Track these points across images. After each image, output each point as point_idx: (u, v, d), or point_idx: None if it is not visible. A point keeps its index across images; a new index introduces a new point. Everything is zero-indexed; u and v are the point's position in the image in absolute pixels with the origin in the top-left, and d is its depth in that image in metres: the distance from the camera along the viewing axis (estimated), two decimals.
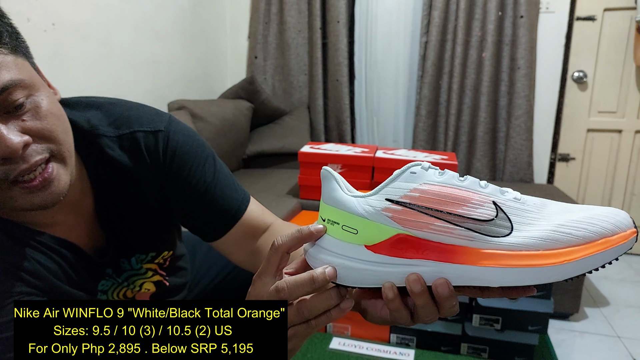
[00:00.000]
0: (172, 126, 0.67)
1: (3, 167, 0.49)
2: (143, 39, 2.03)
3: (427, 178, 0.43)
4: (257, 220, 0.72)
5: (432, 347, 1.48)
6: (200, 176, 0.67)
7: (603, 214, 0.42)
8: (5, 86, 0.48)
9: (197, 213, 0.69)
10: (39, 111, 0.51)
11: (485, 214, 0.42)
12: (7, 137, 0.47)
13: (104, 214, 0.67)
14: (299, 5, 2.67)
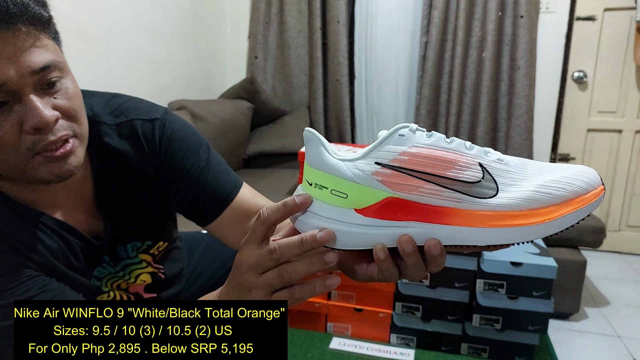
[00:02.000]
0: (168, 115, 0.72)
1: (33, 136, 0.53)
2: (143, 39, 2.03)
3: (416, 140, 0.44)
4: (249, 203, 0.74)
5: (432, 347, 1.48)
6: (194, 161, 0.71)
7: (577, 172, 0.45)
8: (47, 65, 0.54)
9: (191, 197, 0.72)
10: (68, 92, 0.57)
11: (473, 176, 0.44)
12: (42, 110, 0.53)
13: (102, 199, 0.70)
14: (299, 5, 2.67)
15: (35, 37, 0.53)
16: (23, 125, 0.53)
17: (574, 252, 1.77)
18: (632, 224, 2.55)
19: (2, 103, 0.52)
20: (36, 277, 0.59)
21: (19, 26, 0.51)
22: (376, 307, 1.50)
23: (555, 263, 1.34)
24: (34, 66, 0.52)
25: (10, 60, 0.51)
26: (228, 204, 0.72)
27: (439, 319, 1.47)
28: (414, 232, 0.44)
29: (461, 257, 1.39)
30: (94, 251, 0.70)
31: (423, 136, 0.44)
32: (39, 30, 0.54)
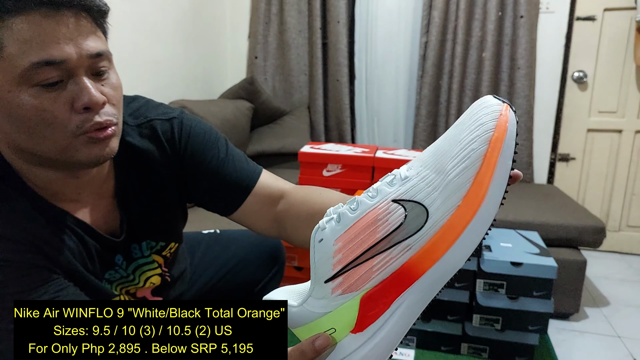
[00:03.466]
0: (184, 114, 0.75)
1: (82, 115, 0.56)
2: (143, 39, 2.03)
3: (332, 235, 0.42)
4: (271, 188, 0.76)
5: (432, 347, 1.48)
6: (214, 154, 0.74)
7: (474, 120, 0.41)
8: (101, 52, 0.57)
9: (213, 188, 0.74)
10: (114, 82, 0.61)
11: (397, 218, 0.41)
12: (92, 90, 0.56)
13: (122, 196, 0.71)
14: (299, 5, 2.67)
15: (94, 26, 0.57)
16: (74, 104, 0.55)
17: (574, 252, 1.77)
18: (632, 224, 2.55)
19: (58, 82, 0.54)
20: (55, 280, 0.60)
21: (83, 13, 0.55)
22: None
23: (555, 263, 1.34)
24: (92, 50, 0.56)
25: (73, 41, 0.54)
26: (250, 190, 0.74)
27: (439, 319, 1.46)
28: (409, 305, 0.42)
29: None
30: (109, 250, 0.71)
31: (332, 225, 0.42)
32: (97, 21, 0.58)
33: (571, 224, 1.79)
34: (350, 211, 0.42)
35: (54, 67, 0.53)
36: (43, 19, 0.52)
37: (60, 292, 0.60)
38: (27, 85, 0.53)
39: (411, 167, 0.43)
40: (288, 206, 0.72)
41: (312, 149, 1.90)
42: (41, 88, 0.53)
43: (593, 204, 2.57)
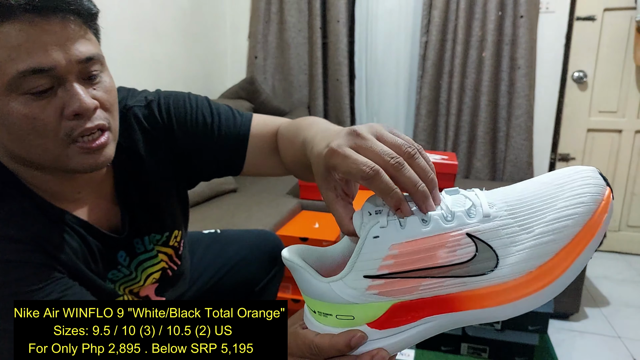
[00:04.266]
0: (160, 93, 0.75)
1: (72, 122, 0.55)
2: (143, 39, 2.03)
3: (391, 239, 0.40)
4: (264, 131, 0.74)
5: (432, 347, 1.48)
6: (200, 119, 0.73)
7: (577, 192, 0.40)
8: (91, 56, 0.57)
9: (214, 153, 0.74)
10: (106, 86, 0.60)
11: (466, 254, 0.39)
12: (83, 96, 0.55)
13: (121, 191, 0.71)
14: (299, 4, 2.67)
15: (84, 29, 0.57)
16: (64, 111, 0.55)
17: None
18: (632, 224, 2.55)
19: (48, 89, 0.54)
20: (60, 279, 0.60)
21: (71, 17, 0.54)
22: None
23: None
24: (81, 55, 0.55)
25: (61, 47, 0.53)
26: (247, 140, 0.73)
27: None
28: (434, 325, 0.42)
29: None
30: (112, 247, 0.70)
31: (395, 228, 0.40)
32: (87, 24, 0.57)
33: None
34: (422, 224, 0.40)
35: (42, 74, 0.52)
36: (29, 25, 0.51)
37: (66, 290, 0.59)
38: (16, 94, 0.52)
39: (494, 204, 0.41)
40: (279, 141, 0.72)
41: None
42: (30, 96, 0.53)
43: None
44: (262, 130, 0.74)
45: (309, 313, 0.46)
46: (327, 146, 0.42)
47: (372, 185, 0.39)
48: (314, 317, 0.45)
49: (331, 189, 0.44)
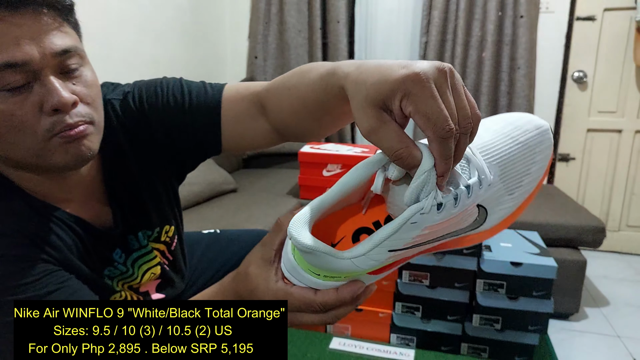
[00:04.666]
0: (137, 84, 0.73)
1: (52, 117, 0.54)
2: (143, 40, 2.03)
3: (429, 221, 0.40)
4: (244, 92, 0.68)
5: (432, 347, 1.48)
6: (172, 100, 0.70)
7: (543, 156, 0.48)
8: (68, 49, 0.55)
9: (187, 131, 0.70)
10: (87, 79, 0.58)
11: (472, 218, 0.45)
12: (61, 91, 0.54)
13: (112, 191, 0.70)
14: (299, 5, 2.67)
15: (59, 22, 0.55)
16: (42, 107, 0.53)
17: (574, 252, 1.77)
18: (632, 224, 2.55)
19: (24, 84, 0.52)
20: (55, 271, 0.59)
21: (44, 9, 0.53)
22: (376, 307, 1.50)
23: (555, 263, 1.34)
24: (56, 48, 0.53)
25: (34, 41, 0.52)
26: (219, 108, 0.68)
27: (439, 319, 1.46)
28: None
29: (461, 257, 1.39)
30: (106, 245, 0.70)
31: (434, 212, 0.40)
32: (62, 16, 0.56)
33: (571, 224, 1.79)
34: (453, 205, 0.41)
35: (16, 69, 0.51)
36: (1, 19, 0.50)
37: (64, 283, 0.59)
38: None
39: (492, 170, 0.45)
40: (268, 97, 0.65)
41: (312, 149, 1.90)
42: (6, 92, 0.52)
43: (593, 204, 2.57)
44: (237, 94, 0.69)
45: (309, 274, 0.46)
46: (406, 67, 0.37)
47: (438, 144, 0.37)
48: (316, 278, 0.46)
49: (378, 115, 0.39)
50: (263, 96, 0.65)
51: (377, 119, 0.39)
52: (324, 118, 0.57)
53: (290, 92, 0.60)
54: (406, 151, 0.38)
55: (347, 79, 0.44)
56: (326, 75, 0.50)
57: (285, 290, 0.47)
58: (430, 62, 0.38)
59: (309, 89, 0.54)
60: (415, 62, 0.38)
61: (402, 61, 0.39)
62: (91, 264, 0.68)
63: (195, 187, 1.93)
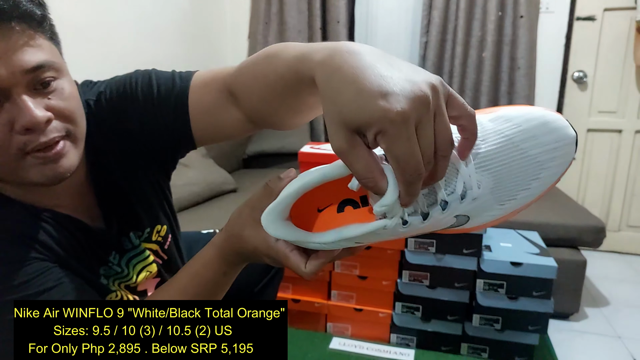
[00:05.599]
0: (109, 82, 0.71)
1: (24, 137, 0.53)
2: (143, 40, 2.03)
3: (394, 233, 0.43)
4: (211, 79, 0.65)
5: (432, 347, 1.48)
6: (140, 95, 0.67)
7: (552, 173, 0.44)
8: (40, 65, 0.53)
9: (157, 125, 0.67)
10: (63, 93, 0.57)
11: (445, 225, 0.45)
12: (33, 110, 0.52)
13: (101, 194, 0.70)
14: (299, 5, 2.67)
15: (29, 36, 0.53)
16: (14, 125, 0.52)
17: (574, 252, 1.77)
18: (632, 224, 2.55)
19: None
20: (52, 269, 0.59)
21: (12, 24, 0.50)
22: (376, 307, 1.50)
23: (555, 263, 1.34)
24: (26, 65, 0.52)
25: (1, 59, 0.50)
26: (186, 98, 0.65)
27: (439, 319, 1.46)
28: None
29: (461, 257, 1.39)
30: (101, 245, 0.70)
31: (399, 226, 0.41)
32: (34, 29, 0.53)
33: (571, 224, 1.79)
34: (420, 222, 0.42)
35: None
36: None
37: (62, 279, 0.58)
38: None
39: (483, 182, 0.43)
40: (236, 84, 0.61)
41: (312, 149, 1.90)
42: None
43: (593, 204, 2.57)
44: (203, 84, 0.65)
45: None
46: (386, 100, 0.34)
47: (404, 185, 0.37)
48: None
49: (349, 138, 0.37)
50: (231, 83, 0.61)
51: (347, 142, 0.37)
52: (298, 107, 0.54)
53: (258, 79, 0.55)
54: (372, 181, 0.38)
55: (318, 70, 0.40)
56: (295, 60, 0.46)
57: (285, 252, 0.49)
58: (412, 83, 0.35)
59: (278, 77, 0.50)
60: (397, 84, 0.35)
61: (383, 84, 0.35)
62: (87, 262, 0.67)
63: (195, 187, 1.93)
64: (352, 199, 0.48)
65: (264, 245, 0.50)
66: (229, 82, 0.61)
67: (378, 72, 0.36)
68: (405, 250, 1.40)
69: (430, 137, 0.36)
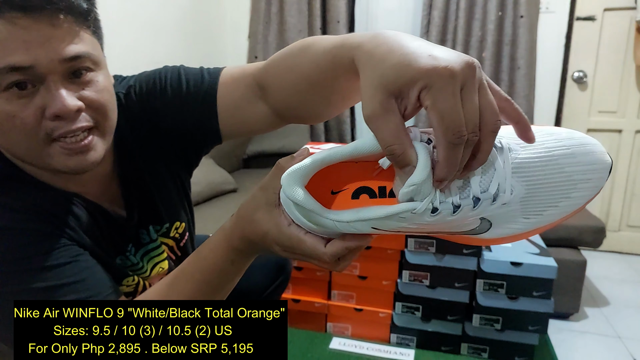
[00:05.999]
0: (138, 77, 0.72)
1: (52, 123, 0.54)
2: (143, 39, 2.03)
3: (419, 220, 0.39)
4: (241, 74, 0.66)
5: (432, 347, 1.48)
6: (169, 90, 0.69)
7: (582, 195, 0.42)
8: (79, 55, 0.55)
9: (185, 119, 0.69)
10: (98, 85, 0.58)
11: (467, 228, 0.42)
12: (65, 98, 0.54)
13: (125, 185, 0.71)
14: (299, 5, 2.67)
15: (73, 27, 0.55)
16: (45, 111, 0.54)
17: (574, 252, 1.77)
18: (632, 224, 2.55)
19: (30, 87, 0.53)
20: (69, 246, 0.59)
21: (58, 14, 0.52)
22: (376, 307, 1.50)
23: (555, 263, 1.34)
24: (65, 54, 0.53)
25: (43, 46, 0.52)
26: (214, 93, 0.66)
27: (439, 319, 1.46)
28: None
29: (461, 257, 1.39)
30: (121, 235, 0.71)
31: (427, 214, 0.39)
32: (78, 22, 0.55)
33: (571, 224, 1.79)
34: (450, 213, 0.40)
35: (21, 72, 0.52)
36: (12, 23, 0.50)
37: (77, 257, 0.59)
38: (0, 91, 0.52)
39: (515, 189, 0.41)
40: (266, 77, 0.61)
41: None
42: (12, 93, 0.52)
43: (593, 204, 2.57)
44: (232, 79, 0.66)
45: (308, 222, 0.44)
46: (434, 58, 0.35)
47: (444, 148, 0.35)
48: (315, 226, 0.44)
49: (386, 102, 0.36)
50: (261, 77, 0.62)
51: (382, 105, 0.35)
52: (331, 97, 0.54)
53: (292, 69, 0.55)
54: (400, 148, 0.36)
55: (359, 49, 0.40)
56: (333, 48, 0.46)
57: (299, 236, 0.45)
58: (457, 54, 0.35)
59: (313, 65, 0.51)
60: (442, 51, 0.36)
61: (427, 46, 0.36)
62: (105, 249, 0.68)
63: (195, 187, 1.93)
64: (370, 187, 0.45)
65: (275, 230, 0.46)
66: (259, 76, 0.62)
67: (424, 43, 0.37)
68: (406, 250, 1.40)
69: (475, 103, 0.35)
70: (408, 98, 0.36)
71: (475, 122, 0.35)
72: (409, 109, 0.36)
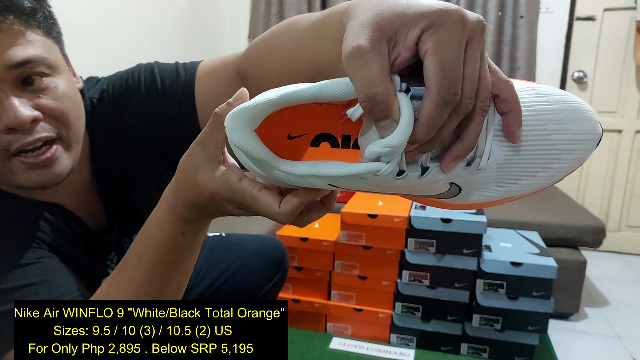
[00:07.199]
0: (111, 79, 0.68)
1: (7, 136, 0.50)
2: (142, 40, 2.03)
3: (382, 182, 0.35)
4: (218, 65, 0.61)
5: (432, 347, 1.48)
6: (143, 90, 0.64)
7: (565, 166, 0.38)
8: (29, 60, 0.50)
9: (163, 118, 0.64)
10: (56, 92, 0.53)
11: (435, 192, 0.38)
12: (17, 108, 0.49)
13: (104, 193, 0.68)
14: (298, 5, 2.67)
15: (20, 31, 0.50)
16: None
17: (574, 252, 1.77)
18: (632, 224, 2.55)
19: None
20: (35, 248, 0.57)
21: (2, 18, 0.48)
22: (376, 307, 1.50)
23: (555, 263, 1.34)
24: (12, 60, 0.49)
25: None
26: (192, 88, 0.62)
27: (439, 319, 1.46)
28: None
29: (461, 257, 1.39)
30: (102, 246, 0.69)
31: (392, 177, 0.34)
32: (26, 24, 0.51)
33: (571, 224, 1.79)
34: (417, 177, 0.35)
35: None
36: None
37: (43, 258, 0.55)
38: None
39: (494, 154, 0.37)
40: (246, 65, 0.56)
41: None
42: None
43: (593, 204, 2.57)
44: (211, 73, 0.62)
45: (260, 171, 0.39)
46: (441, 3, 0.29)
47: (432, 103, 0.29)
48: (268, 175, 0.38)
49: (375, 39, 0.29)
50: (241, 66, 0.57)
51: (372, 43, 0.29)
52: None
53: (275, 51, 0.50)
54: (383, 94, 0.29)
55: (349, 7, 0.35)
56: (321, 17, 0.42)
57: (252, 193, 0.40)
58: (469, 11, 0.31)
59: (299, 42, 0.45)
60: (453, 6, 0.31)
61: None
62: (87, 260, 0.67)
63: None
64: (332, 134, 0.39)
65: (225, 188, 0.41)
66: (238, 64, 0.57)
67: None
68: (405, 250, 1.40)
69: (477, 64, 0.30)
70: (404, 41, 0.30)
71: (473, 86, 0.30)
72: (400, 58, 0.30)
